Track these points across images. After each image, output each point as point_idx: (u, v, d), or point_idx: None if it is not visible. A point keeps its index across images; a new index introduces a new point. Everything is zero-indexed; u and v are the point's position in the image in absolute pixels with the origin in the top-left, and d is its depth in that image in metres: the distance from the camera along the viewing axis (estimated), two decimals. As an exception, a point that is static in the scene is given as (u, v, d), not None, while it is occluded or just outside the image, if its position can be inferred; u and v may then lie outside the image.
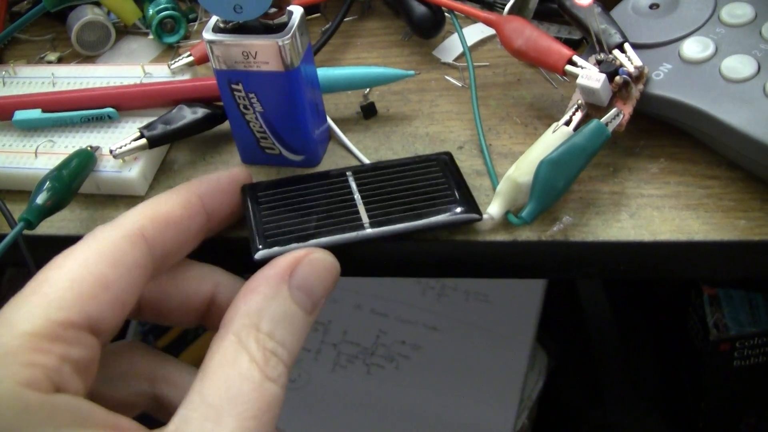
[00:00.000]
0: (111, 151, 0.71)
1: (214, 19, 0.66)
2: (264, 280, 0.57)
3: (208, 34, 0.65)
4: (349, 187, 0.67)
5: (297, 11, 0.65)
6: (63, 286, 0.51)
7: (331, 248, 0.63)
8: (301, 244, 0.63)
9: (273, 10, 0.64)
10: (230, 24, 0.65)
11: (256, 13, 0.62)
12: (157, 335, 1.39)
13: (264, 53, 0.64)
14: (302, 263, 0.58)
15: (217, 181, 0.63)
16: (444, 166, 0.68)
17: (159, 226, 0.57)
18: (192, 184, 0.62)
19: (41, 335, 0.48)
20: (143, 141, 0.71)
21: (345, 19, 0.87)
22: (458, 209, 0.64)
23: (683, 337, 1.19)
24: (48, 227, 0.68)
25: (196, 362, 1.20)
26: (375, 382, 1.29)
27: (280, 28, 0.64)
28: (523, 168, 0.64)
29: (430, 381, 1.27)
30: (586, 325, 1.38)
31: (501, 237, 0.65)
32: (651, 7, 0.73)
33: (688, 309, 1.15)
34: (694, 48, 0.68)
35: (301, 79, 0.66)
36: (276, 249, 0.63)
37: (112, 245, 0.54)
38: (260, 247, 0.64)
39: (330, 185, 0.68)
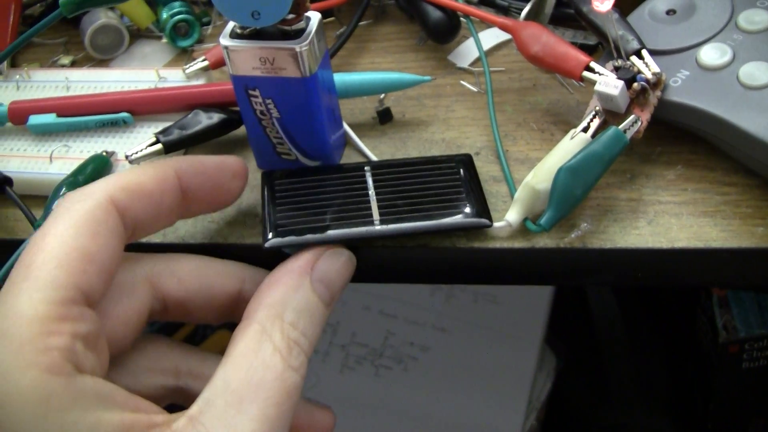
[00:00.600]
0: (126, 157, 0.71)
1: (230, 24, 0.65)
2: (287, 273, 0.58)
3: (225, 40, 0.64)
4: (365, 182, 0.68)
5: (314, 17, 0.65)
6: (51, 266, 0.51)
7: (340, 242, 0.63)
8: (310, 236, 0.64)
9: (291, 16, 0.64)
10: (247, 30, 0.65)
11: (273, 19, 0.62)
12: (168, 333, 1.39)
13: (281, 59, 0.64)
14: (323, 257, 0.60)
15: (201, 162, 0.63)
16: (462, 168, 0.68)
17: (129, 196, 0.57)
18: (172, 159, 0.62)
19: (49, 318, 0.48)
20: (159, 146, 0.71)
21: (359, 24, 0.87)
22: (469, 214, 0.65)
23: (692, 338, 1.19)
24: (64, 233, 0.67)
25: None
26: (383, 383, 1.29)
27: (298, 34, 0.64)
28: (540, 175, 0.64)
29: (438, 382, 1.27)
30: (594, 327, 1.38)
31: (519, 244, 0.64)
32: (668, 12, 0.72)
33: (697, 310, 1.15)
34: (712, 54, 0.68)
35: (319, 85, 0.66)
36: (287, 239, 0.64)
37: (87, 216, 0.54)
38: (270, 236, 0.64)
39: (346, 179, 0.68)
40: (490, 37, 0.84)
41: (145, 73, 0.82)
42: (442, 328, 1.33)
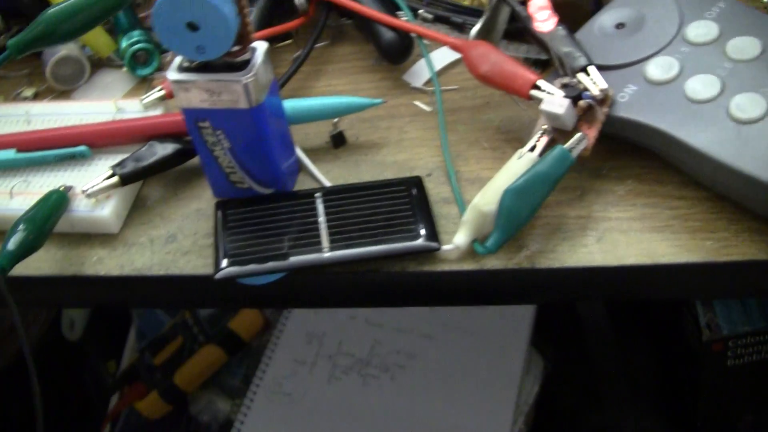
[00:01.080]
0: (83, 191, 0.71)
1: (178, 58, 0.66)
2: None
3: (172, 74, 0.65)
4: (316, 209, 0.68)
5: (260, 47, 0.65)
6: None
7: (288, 270, 0.64)
8: (258, 266, 0.65)
9: (236, 48, 0.64)
10: (195, 63, 0.65)
11: (218, 53, 0.63)
12: (154, 352, 1.39)
13: (228, 91, 0.64)
14: None
15: None
16: (412, 191, 0.69)
17: None
18: None
19: None
20: (115, 179, 0.72)
21: (317, 45, 0.88)
22: (418, 237, 0.65)
23: (679, 337, 1.19)
24: (24, 268, 0.68)
25: (194, 378, 1.22)
26: (371, 392, 1.29)
27: (244, 65, 0.64)
28: (488, 197, 0.64)
29: (425, 389, 1.27)
30: (581, 329, 1.38)
31: (468, 266, 0.65)
32: (617, 26, 0.73)
33: (683, 310, 1.15)
34: (659, 69, 0.68)
35: (267, 114, 0.67)
36: (236, 269, 0.65)
37: None
38: (222, 266, 0.66)
39: (298, 206, 0.69)
40: (444, 55, 0.84)
41: (103, 104, 0.82)
42: (428, 335, 1.33)
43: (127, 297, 0.75)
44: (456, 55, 0.82)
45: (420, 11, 0.85)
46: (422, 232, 0.65)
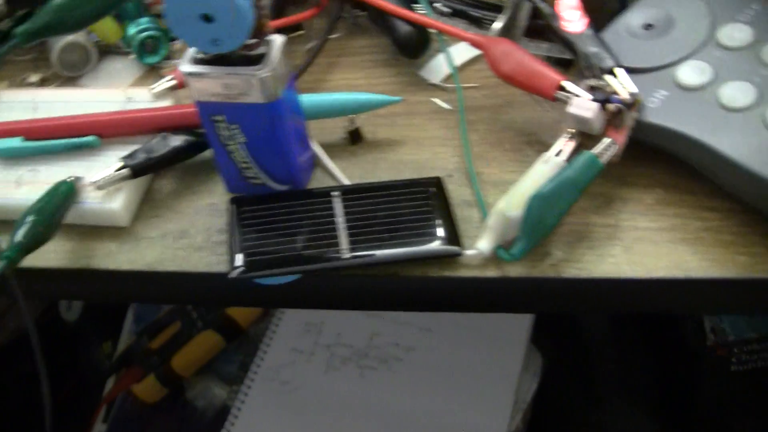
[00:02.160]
0: (93, 182, 0.70)
1: (192, 49, 0.64)
2: None
3: (186, 66, 0.63)
4: (333, 209, 0.67)
5: (277, 41, 0.64)
6: None
7: (307, 273, 0.62)
8: (276, 265, 0.64)
9: (252, 40, 0.62)
10: (209, 55, 0.63)
11: (233, 46, 0.61)
12: (151, 336, 1.38)
13: (244, 86, 0.62)
14: None
15: None
16: (433, 192, 0.67)
17: None
18: None
19: None
20: (126, 171, 0.70)
21: (330, 37, 0.86)
22: (440, 241, 0.64)
23: (679, 339, 1.18)
24: (33, 259, 0.66)
25: (191, 363, 1.20)
26: (368, 384, 1.28)
27: (260, 59, 0.62)
28: (513, 202, 0.63)
29: (423, 383, 1.26)
30: (581, 326, 1.37)
31: (491, 273, 0.63)
32: (645, 27, 0.71)
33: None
34: (691, 74, 0.66)
35: (284, 109, 0.65)
36: (251, 269, 0.64)
37: None
38: (236, 265, 0.64)
39: (315, 205, 0.68)
40: (463, 51, 0.82)
41: (112, 93, 0.80)
42: (427, 329, 1.32)
43: (137, 292, 0.74)
44: (474, 52, 0.81)
45: (436, 4, 0.83)
46: (444, 235, 0.64)
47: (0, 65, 0.64)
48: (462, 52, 0.82)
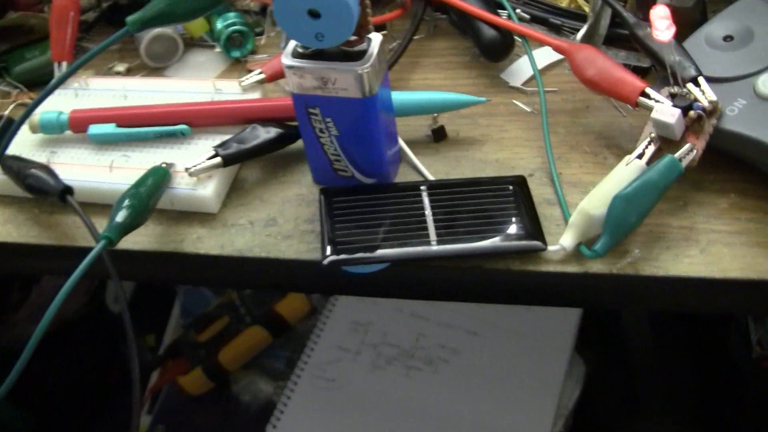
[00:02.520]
0: (186, 169, 0.72)
1: (292, 43, 0.66)
2: None
3: (287, 59, 0.65)
4: (422, 202, 0.69)
5: (376, 38, 0.66)
6: None
7: (396, 261, 0.64)
8: (368, 254, 0.66)
9: (353, 37, 0.64)
10: (309, 49, 0.65)
11: (337, 41, 0.63)
12: (198, 329, 1.40)
13: (343, 80, 0.65)
14: None
15: None
16: (517, 190, 0.70)
17: None
18: None
19: None
20: (218, 159, 0.73)
21: (412, 38, 0.88)
22: (524, 237, 0.66)
23: (723, 351, 1.19)
24: (123, 242, 0.68)
25: (237, 357, 1.22)
26: (413, 384, 1.30)
27: (360, 55, 0.65)
28: (595, 201, 0.65)
29: (467, 386, 1.28)
30: (624, 335, 1.38)
31: (572, 268, 0.65)
32: (725, 39, 0.73)
33: (730, 324, 1.15)
34: (769, 84, 0.68)
35: (378, 105, 0.67)
36: (343, 256, 0.65)
37: None
38: (328, 252, 0.66)
39: (403, 198, 0.70)
40: (543, 56, 0.84)
41: (201, 84, 0.83)
42: (473, 332, 1.33)
43: (226, 276, 0.76)
44: (554, 57, 0.83)
45: (517, 10, 0.85)
46: (528, 231, 0.66)
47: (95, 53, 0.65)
48: (542, 57, 0.84)
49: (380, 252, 0.65)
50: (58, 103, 0.82)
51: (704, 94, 0.68)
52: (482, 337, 1.32)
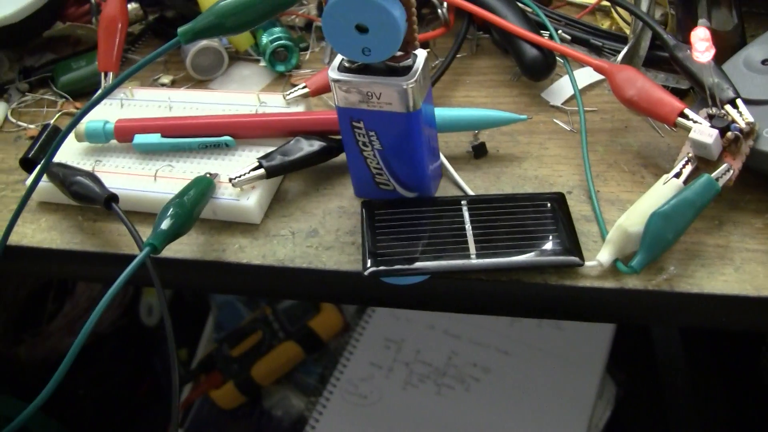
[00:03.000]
0: (230, 180, 0.73)
1: (339, 57, 0.67)
2: None
3: (333, 73, 0.66)
4: (462, 216, 0.70)
5: (421, 54, 0.67)
6: None
7: (437, 274, 0.66)
8: (408, 266, 0.67)
9: (399, 53, 0.65)
10: (356, 64, 0.66)
11: (383, 57, 0.64)
12: (232, 344, 1.42)
13: (388, 95, 0.66)
14: None
15: None
16: (556, 206, 0.71)
17: None
18: None
19: None
20: (261, 171, 0.74)
21: (456, 56, 0.89)
22: (562, 252, 0.67)
23: (755, 375, 1.19)
24: (165, 251, 0.70)
25: (271, 372, 1.23)
26: (445, 402, 1.30)
27: (405, 71, 0.66)
28: (633, 218, 0.66)
29: (499, 405, 1.28)
30: (656, 358, 1.38)
31: (609, 284, 0.66)
32: (763, 62, 0.74)
33: (762, 348, 1.15)
34: (806, 108, 0.69)
35: (422, 120, 0.68)
36: (383, 268, 0.67)
37: None
38: (369, 264, 0.67)
39: (444, 212, 0.71)
40: (583, 76, 0.85)
41: (246, 96, 0.84)
42: (505, 351, 1.34)
43: (268, 286, 0.77)
44: (594, 77, 0.84)
45: (559, 31, 0.87)
46: (566, 246, 0.67)
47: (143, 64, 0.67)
48: (582, 77, 0.85)
49: (419, 264, 0.66)
50: (104, 113, 0.84)
51: (741, 116, 0.69)
52: (514, 356, 1.33)
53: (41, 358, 1.39)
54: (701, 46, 0.69)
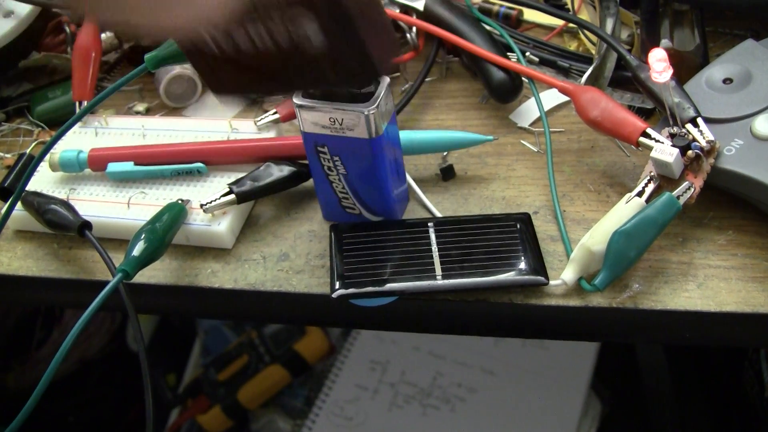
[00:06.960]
0: (202, 206, 0.74)
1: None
2: None
3: (297, 99, 0.67)
4: (429, 238, 0.71)
5: (383, 81, 0.68)
6: None
7: (404, 294, 0.67)
8: (376, 288, 0.68)
9: (363, 79, 0.67)
10: (319, 90, 0.67)
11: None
12: (218, 368, 1.42)
13: (350, 121, 0.67)
14: None
15: None
16: (521, 227, 0.72)
17: None
18: None
19: None
20: (232, 197, 0.75)
21: (424, 80, 0.90)
22: (527, 271, 0.68)
23: (738, 390, 1.20)
24: (139, 276, 0.70)
25: (257, 396, 1.24)
26: (430, 423, 1.31)
27: (367, 97, 0.67)
28: (596, 237, 0.67)
29: (484, 424, 1.29)
30: (640, 374, 1.39)
31: (573, 302, 0.67)
32: (724, 81, 0.75)
33: (744, 364, 1.16)
34: (766, 125, 0.70)
35: (385, 145, 0.69)
36: (351, 291, 0.68)
37: None
38: (337, 286, 0.68)
39: (410, 234, 0.72)
40: (550, 98, 0.86)
41: (218, 123, 0.85)
42: (490, 371, 1.35)
43: (240, 310, 0.78)
44: (560, 99, 0.85)
45: (527, 53, 0.88)
46: (531, 266, 0.68)
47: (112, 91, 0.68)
48: (549, 99, 0.86)
49: (387, 286, 0.67)
50: (79, 142, 0.85)
51: (702, 135, 0.70)
52: (498, 376, 1.34)
53: (29, 386, 1.39)
54: (659, 66, 0.70)
